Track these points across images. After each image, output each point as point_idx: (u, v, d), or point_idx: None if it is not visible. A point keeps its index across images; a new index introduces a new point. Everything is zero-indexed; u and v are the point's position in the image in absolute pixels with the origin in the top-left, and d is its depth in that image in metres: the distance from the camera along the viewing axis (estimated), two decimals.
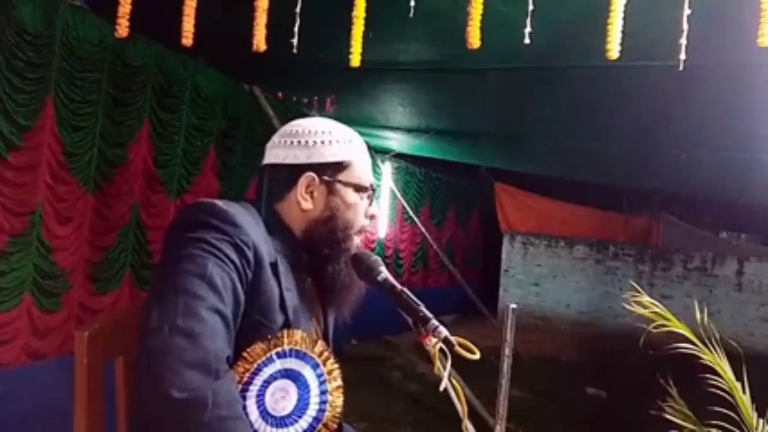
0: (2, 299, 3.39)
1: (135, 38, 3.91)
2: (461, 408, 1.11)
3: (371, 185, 1.26)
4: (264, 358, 1.03)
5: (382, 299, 1.14)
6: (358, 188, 1.23)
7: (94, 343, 1.11)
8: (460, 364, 1.10)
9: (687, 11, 2.04)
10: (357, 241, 1.23)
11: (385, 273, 1.16)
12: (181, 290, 0.97)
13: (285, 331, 1.07)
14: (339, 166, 1.21)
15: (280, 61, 3.44)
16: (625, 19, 2.07)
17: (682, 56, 2.11)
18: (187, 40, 2.44)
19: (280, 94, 5.73)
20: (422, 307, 1.09)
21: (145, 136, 4.31)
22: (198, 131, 4.78)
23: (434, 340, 1.05)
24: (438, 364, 1.05)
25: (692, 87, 3.66)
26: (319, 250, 1.18)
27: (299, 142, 1.20)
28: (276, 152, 1.22)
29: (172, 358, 0.91)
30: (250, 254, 1.05)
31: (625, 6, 2.07)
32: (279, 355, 1.05)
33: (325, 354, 1.10)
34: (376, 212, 1.28)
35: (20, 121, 3.35)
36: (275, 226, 1.17)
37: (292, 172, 1.19)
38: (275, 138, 1.24)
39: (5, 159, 3.31)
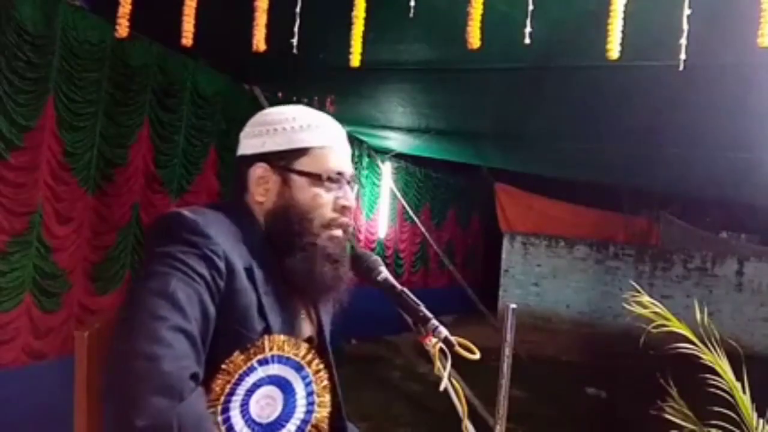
0: (2, 299, 3.39)
1: (135, 38, 3.91)
2: (461, 408, 1.11)
3: (337, 174, 1.14)
4: (245, 368, 1.01)
5: (382, 299, 1.13)
6: (316, 177, 1.12)
7: (94, 343, 1.11)
8: (460, 364, 1.10)
9: (687, 11, 2.04)
10: (327, 234, 1.13)
11: (385, 273, 1.15)
12: (142, 311, 0.94)
13: (266, 338, 1.04)
14: (293, 154, 1.13)
15: (280, 62, 3.44)
16: (625, 19, 2.07)
17: (682, 56, 2.11)
18: (187, 40, 2.44)
19: (280, 94, 5.73)
20: (422, 307, 1.09)
21: (145, 136, 4.31)
22: (198, 131, 4.78)
23: (434, 340, 1.05)
24: (438, 364, 1.05)
25: (692, 87, 3.66)
26: (276, 244, 1.12)
27: (255, 131, 1.15)
28: (242, 143, 1.18)
29: (133, 385, 0.89)
30: (220, 264, 1.01)
31: (625, 6, 2.07)
32: (261, 363, 1.02)
33: (309, 356, 1.08)
34: (348, 203, 1.15)
35: (20, 121, 3.35)
36: (247, 223, 1.12)
37: (249, 163, 1.14)
38: (244, 129, 1.21)
39: (5, 159, 3.31)
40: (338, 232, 1.15)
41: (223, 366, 1.00)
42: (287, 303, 1.12)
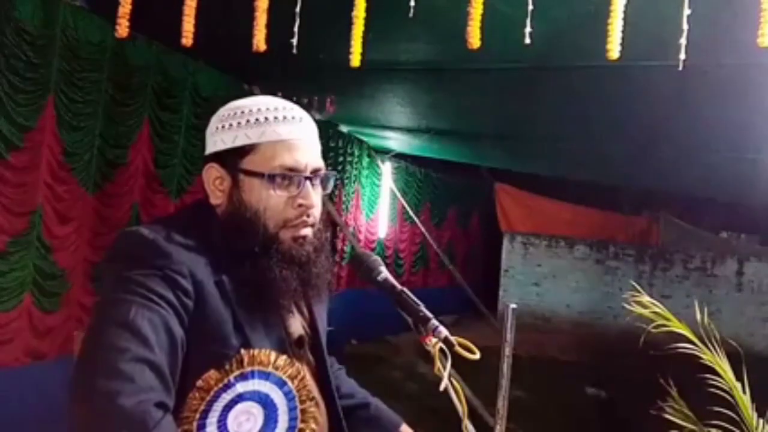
0: (2, 299, 3.39)
1: (135, 38, 3.91)
2: (461, 408, 1.11)
3: (288, 170, 1.06)
4: (221, 385, 0.98)
5: (382, 299, 1.13)
6: (262, 176, 1.05)
7: None
8: (460, 364, 1.09)
9: (687, 11, 2.04)
10: (290, 235, 1.07)
11: (385, 273, 1.14)
12: (100, 345, 0.90)
13: (244, 352, 1.00)
14: (240, 152, 1.06)
15: (280, 61, 3.44)
16: (625, 19, 2.07)
17: (682, 56, 2.11)
18: (187, 40, 2.44)
19: (279, 94, 5.72)
20: (422, 307, 1.08)
21: (145, 136, 4.30)
22: (198, 131, 4.77)
23: (434, 340, 1.05)
24: (438, 364, 1.04)
25: (692, 87, 3.66)
26: (232, 249, 1.05)
27: (213, 128, 1.10)
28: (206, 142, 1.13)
29: (93, 425, 0.86)
30: (185, 283, 0.96)
31: (625, 6, 2.07)
32: (238, 379, 0.99)
33: (291, 370, 1.05)
34: (305, 201, 1.06)
35: (20, 121, 3.35)
36: (211, 229, 1.06)
37: (204, 163, 1.11)
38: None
39: (5, 159, 3.31)
40: (304, 232, 1.08)
41: (199, 383, 0.97)
42: (269, 314, 1.07)
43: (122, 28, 2.46)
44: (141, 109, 4.23)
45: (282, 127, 1.07)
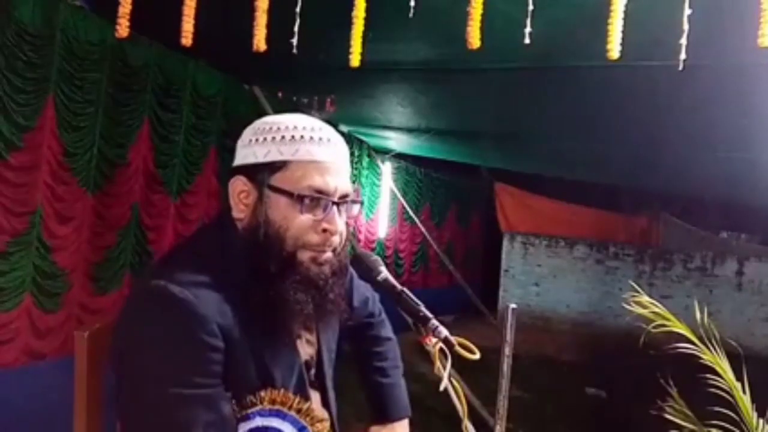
0: (2, 299, 3.39)
1: (135, 38, 3.90)
2: (461, 408, 1.11)
3: (316, 192, 1.03)
4: (239, 416, 0.99)
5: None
6: (290, 195, 1.02)
7: (94, 343, 1.11)
8: (460, 364, 1.09)
9: (687, 11, 2.04)
10: (309, 255, 1.04)
11: (385, 273, 1.15)
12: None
13: (264, 391, 1.01)
14: (270, 168, 1.03)
15: (280, 61, 3.44)
16: (625, 19, 2.07)
17: (682, 56, 2.11)
18: (187, 40, 2.44)
19: (279, 94, 5.73)
20: (422, 307, 1.09)
21: (145, 136, 4.30)
22: (198, 131, 4.78)
23: (434, 340, 1.05)
24: (438, 364, 1.05)
25: (692, 87, 3.66)
26: (250, 266, 1.03)
27: (245, 141, 1.08)
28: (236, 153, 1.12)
29: None
30: (216, 342, 0.96)
31: (625, 6, 2.06)
32: (255, 415, 1.00)
33: (311, 415, 1.05)
34: (329, 226, 1.04)
35: (20, 121, 3.35)
36: (233, 251, 1.05)
37: (231, 176, 1.08)
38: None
39: (5, 159, 3.31)
40: (324, 255, 1.05)
41: None
42: (284, 338, 1.07)
43: (122, 28, 2.46)
44: (141, 109, 4.22)
45: (316, 148, 1.04)
